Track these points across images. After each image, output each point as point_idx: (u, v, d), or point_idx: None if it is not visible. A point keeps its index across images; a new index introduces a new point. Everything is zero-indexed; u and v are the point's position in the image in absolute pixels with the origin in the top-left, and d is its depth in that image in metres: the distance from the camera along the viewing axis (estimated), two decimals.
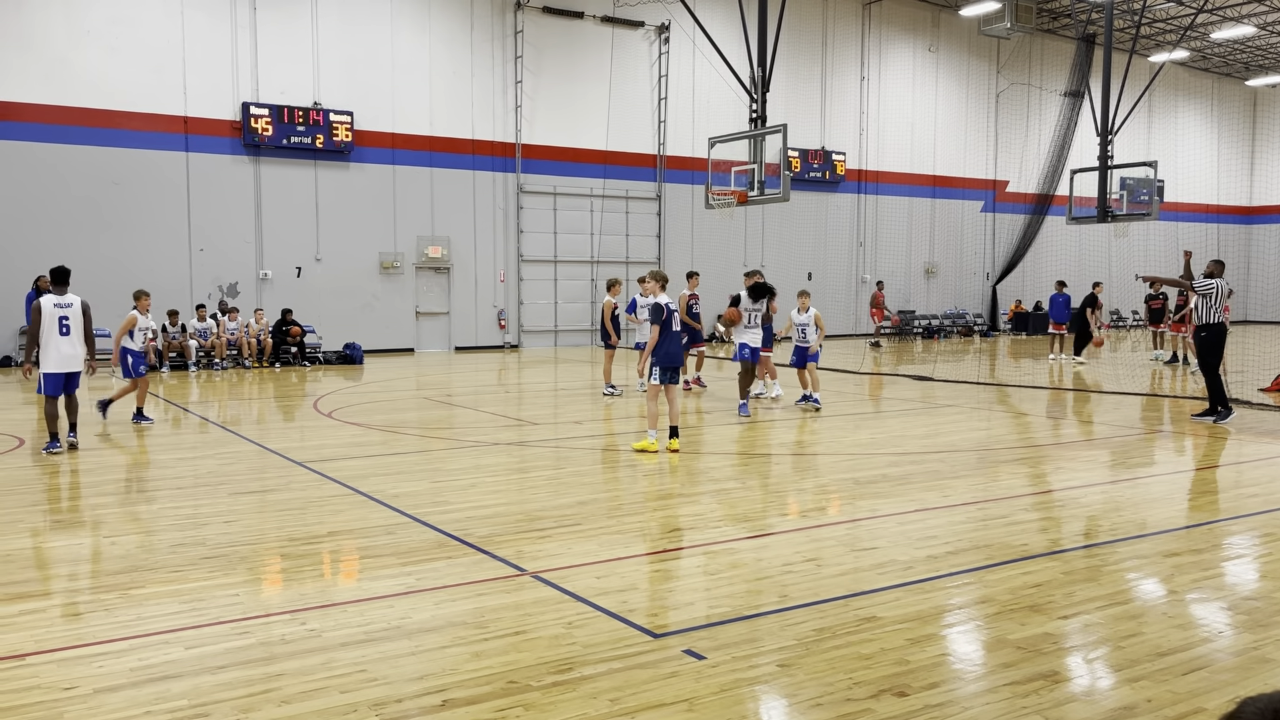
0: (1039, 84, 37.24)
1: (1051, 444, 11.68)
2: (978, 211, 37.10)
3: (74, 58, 21.66)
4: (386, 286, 25.72)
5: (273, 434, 12.09)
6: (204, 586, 5.85)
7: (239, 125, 23.38)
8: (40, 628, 5.12)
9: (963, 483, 9.06)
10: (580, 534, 7.14)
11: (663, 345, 10.60)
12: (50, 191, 21.63)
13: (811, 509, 8.06)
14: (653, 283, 10.85)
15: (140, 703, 4.19)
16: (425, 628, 5.12)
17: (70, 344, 10.76)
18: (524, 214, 27.54)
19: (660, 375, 10.65)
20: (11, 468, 9.83)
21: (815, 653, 4.77)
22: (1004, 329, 37.16)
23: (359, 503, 8.12)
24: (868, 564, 6.34)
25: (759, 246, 31.49)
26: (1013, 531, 7.19)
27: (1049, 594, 5.71)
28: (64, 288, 10.88)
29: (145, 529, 7.29)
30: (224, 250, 23.51)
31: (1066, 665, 4.70)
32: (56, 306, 10.74)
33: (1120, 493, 8.89)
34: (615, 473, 9.51)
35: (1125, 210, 27.32)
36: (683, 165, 29.54)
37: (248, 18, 23.38)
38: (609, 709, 4.15)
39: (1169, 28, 36.81)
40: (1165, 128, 41.33)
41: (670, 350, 10.64)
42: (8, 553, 6.57)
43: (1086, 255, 36.76)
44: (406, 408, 14.90)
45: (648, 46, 29.30)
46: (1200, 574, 6.18)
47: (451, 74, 26.22)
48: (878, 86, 33.99)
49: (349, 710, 4.13)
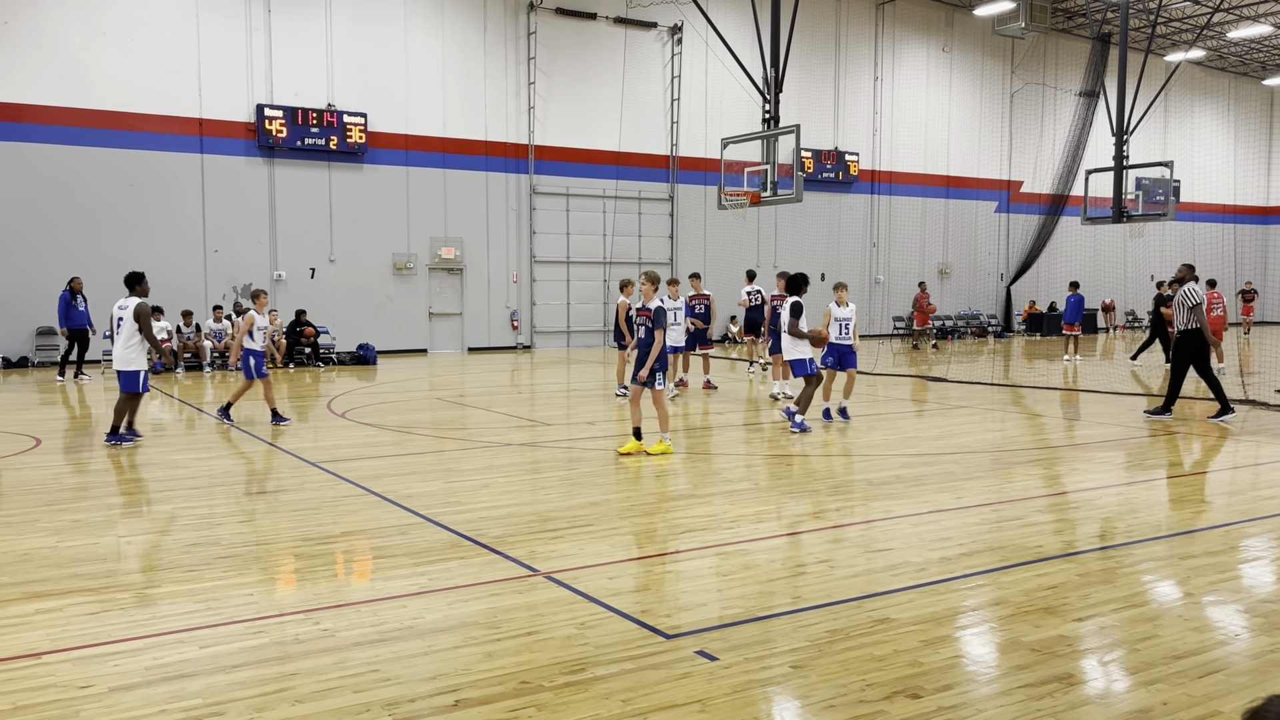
0: (1054, 84, 37.08)
1: (1066, 445, 11.62)
2: (992, 212, 36.96)
3: (90, 60, 21.81)
4: (400, 287, 25.79)
5: (287, 434, 12.14)
6: (219, 586, 5.87)
7: (253, 127, 23.49)
8: (56, 626, 5.16)
9: (977, 484, 9.02)
10: (593, 535, 7.14)
11: (640, 350, 10.46)
12: (66, 193, 21.77)
13: (824, 510, 8.04)
14: (648, 285, 10.57)
15: (155, 701, 4.21)
16: (438, 628, 5.13)
17: (118, 345, 11.16)
18: (537, 215, 27.58)
19: (634, 378, 10.50)
20: (29, 467, 9.90)
21: (828, 654, 4.76)
22: (1018, 330, 37.01)
23: (372, 503, 8.14)
24: (881, 565, 6.32)
25: (772, 247, 31.45)
26: (1027, 533, 7.16)
27: (1064, 596, 5.68)
28: (128, 291, 11.31)
29: (160, 529, 7.33)
30: (238, 251, 23.62)
31: (1081, 668, 4.68)
32: (117, 309, 11.30)
33: (1136, 494, 8.83)
34: (628, 474, 9.51)
35: (1141, 211, 27.17)
36: (695, 166, 29.52)
37: (262, 20, 23.50)
38: (621, 710, 4.14)
39: (1185, 27, 36.60)
40: (1181, 127, 41.08)
41: (643, 354, 10.45)
42: (25, 552, 6.62)
43: (1102, 256, 36.59)
44: (420, 408, 14.93)
45: (660, 47, 29.30)
46: (1217, 576, 6.13)
47: (465, 75, 26.28)
48: (891, 87, 33.90)
49: (362, 710, 4.14)
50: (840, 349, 12.86)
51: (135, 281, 11.33)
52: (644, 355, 10.40)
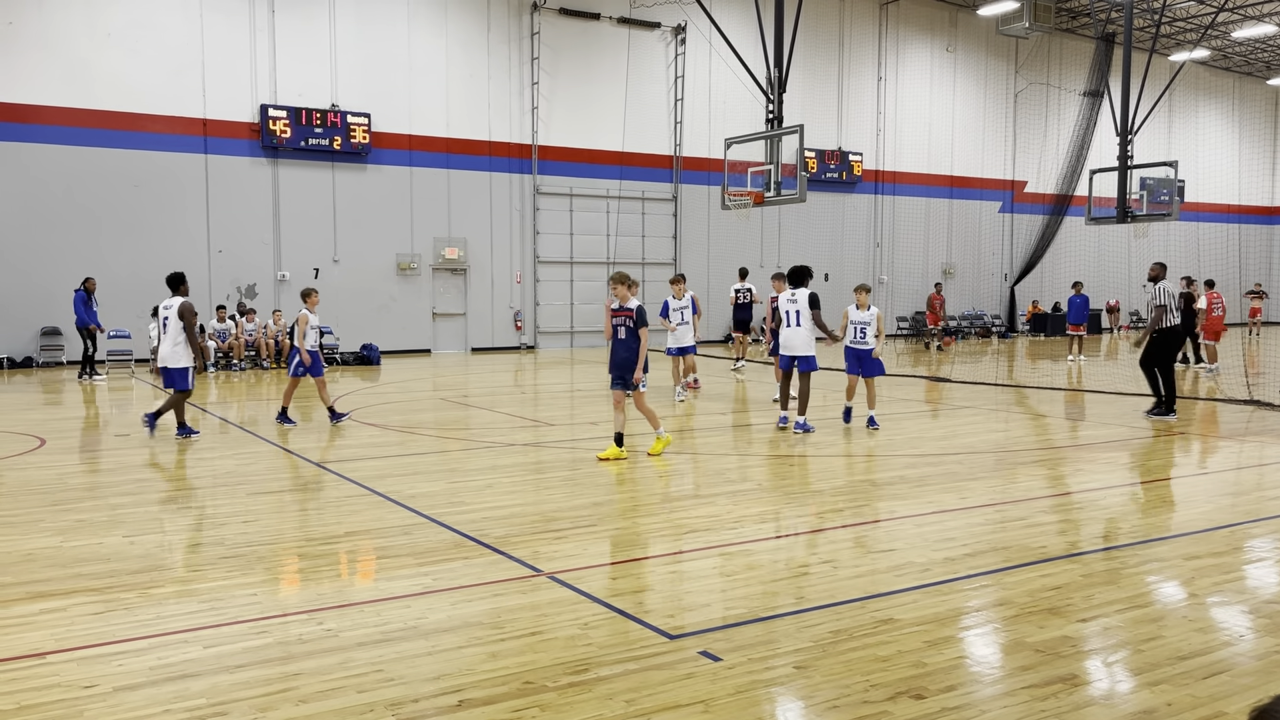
0: (1058, 84, 37.03)
1: (1070, 445, 11.60)
2: (995, 212, 36.93)
3: (95, 60, 21.85)
4: (403, 288, 25.81)
5: (291, 434, 12.15)
6: (222, 586, 5.88)
7: (257, 127, 23.52)
8: (61, 626, 5.17)
9: (980, 484, 9.01)
10: (596, 535, 7.14)
11: (618, 352, 10.14)
12: (71, 194, 21.81)
13: (828, 510, 8.03)
14: (621, 287, 10.10)
15: (159, 701, 4.22)
16: (442, 628, 5.14)
17: (165, 343, 11.52)
18: (540, 215, 27.59)
19: (615, 382, 10.18)
20: (33, 467, 9.92)
21: (832, 654, 4.75)
22: (1022, 330, 36.97)
23: (376, 503, 8.14)
24: (885, 566, 6.31)
25: (775, 247, 31.44)
26: (1031, 534, 7.15)
27: (1068, 597, 5.67)
28: (171, 291, 11.61)
29: (164, 529, 7.34)
30: (242, 252, 23.66)
31: (1085, 668, 4.67)
32: (163, 308, 11.61)
33: (1140, 495, 8.82)
34: (631, 474, 9.51)
35: (1145, 211, 27.11)
36: (699, 166, 29.52)
37: (266, 20, 23.52)
38: (625, 710, 4.14)
39: (1189, 27, 36.53)
40: (1186, 127, 41.00)
41: (620, 357, 10.14)
42: (29, 552, 6.63)
43: (1106, 256, 36.53)
44: (423, 409, 14.94)
45: (664, 47, 29.30)
46: (1221, 577, 6.12)
47: (468, 75, 26.29)
48: (895, 87, 33.88)
49: (366, 710, 4.14)
50: (858, 353, 12.32)
51: (179, 282, 11.69)
52: (625, 358, 10.04)
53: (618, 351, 10.12)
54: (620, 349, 10.08)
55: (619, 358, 10.12)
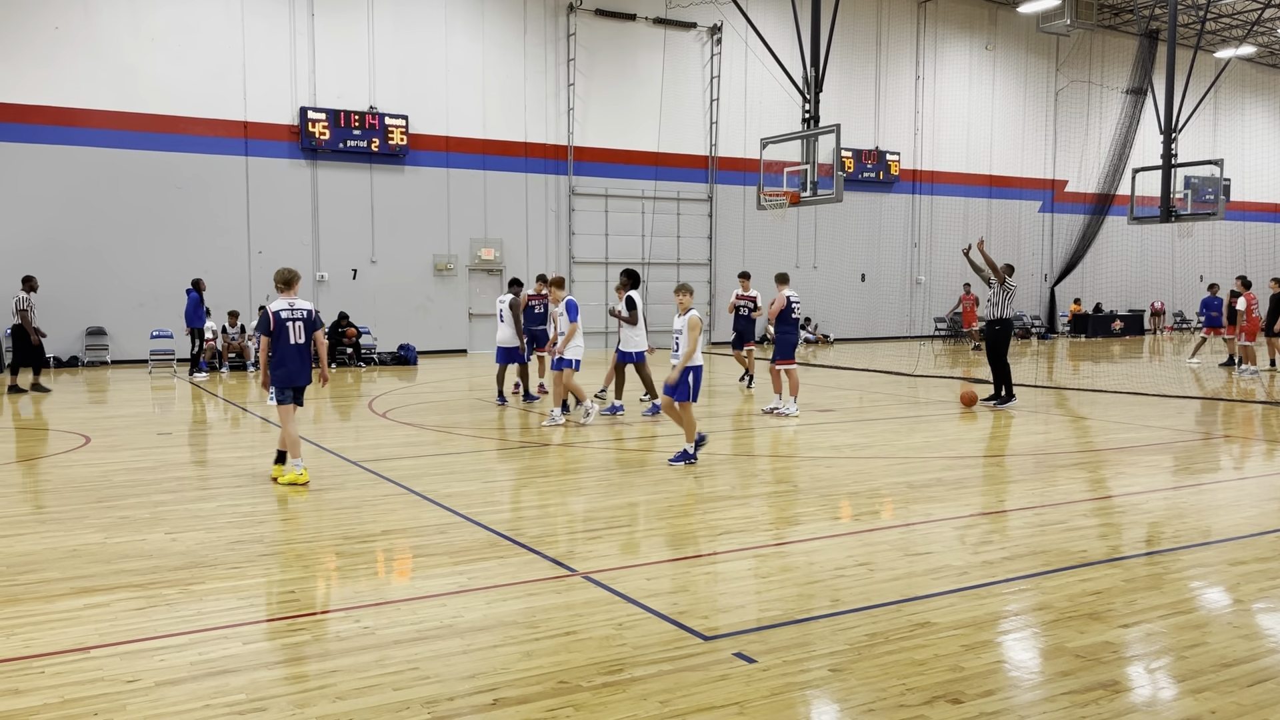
0: (1100, 81, 36.51)
1: (1111, 448, 11.42)
2: (1035, 212, 36.49)
3: (138, 64, 22.22)
4: (440, 288, 25.99)
5: (328, 434, 12.27)
6: (262, 583, 5.95)
7: (296, 130, 23.80)
8: (104, 621, 5.25)
9: (1019, 487, 8.91)
10: (631, 535, 7.14)
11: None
12: (115, 195, 22.20)
13: (864, 512, 7.98)
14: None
15: (200, 696, 4.27)
16: (477, 627, 5.16)
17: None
18: (575, 216, 27.66)
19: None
20: (78, 465, 10.10)
21: (867, 658, 4.72)
22: (1062, 331, 36.49)
23: (412, 502, 8.20)
24: (921, 569, 6.25)
25: (811, 248, 31.30)
26: (1071, 537, 7.05)
27: (1109, 601, 5.58)
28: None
29: (205, 526, 7.44)
30: (282, 253, 23.91)
31: (1127, 675, 4.59)
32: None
33: (1183, 498, 8.66)
34: (665, 474, 9.49)
35: (1189, 210, 26.65)
36: (734, 166, 29.45)
37: (305, 24, 23.79)
38: (659, 711, 4.14)
39: (1235, 23, 35.87)
40: (1231, 125, 40.26)
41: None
42: (74, 548, 6.75)
43: (1149, 256, 36.00)
44: (459, 409, 15.03)
45: (700, 48, 29.26)
46: (1267, 583, 6.00)
47: (505, 77, 26.42)
48: (933, 85, 33.59)
49: (401, 707, 4.17)
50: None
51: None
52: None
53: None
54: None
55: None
